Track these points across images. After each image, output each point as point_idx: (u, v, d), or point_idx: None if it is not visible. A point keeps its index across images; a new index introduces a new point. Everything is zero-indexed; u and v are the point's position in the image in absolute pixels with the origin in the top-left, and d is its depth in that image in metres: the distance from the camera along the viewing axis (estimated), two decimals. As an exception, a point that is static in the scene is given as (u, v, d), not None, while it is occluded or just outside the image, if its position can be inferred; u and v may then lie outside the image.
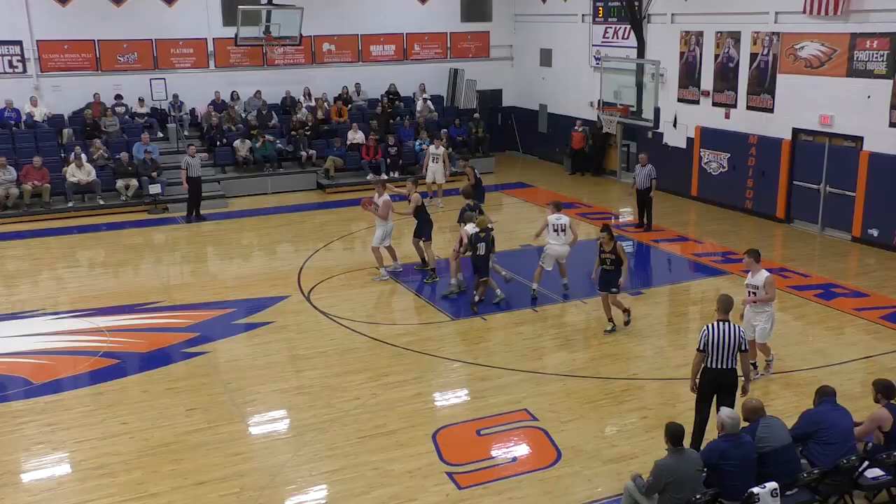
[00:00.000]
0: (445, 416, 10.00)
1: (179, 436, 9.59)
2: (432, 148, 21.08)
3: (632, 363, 11.54)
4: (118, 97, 23.27)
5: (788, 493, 7.36)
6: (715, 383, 8.53)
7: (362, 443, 9.35)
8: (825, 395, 8.12)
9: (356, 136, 23.62)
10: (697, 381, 8.70)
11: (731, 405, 8.14)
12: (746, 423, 7.78)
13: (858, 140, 16.89)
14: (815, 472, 7.48)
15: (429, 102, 25.92)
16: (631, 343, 12.32)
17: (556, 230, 13.75)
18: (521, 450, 9.23)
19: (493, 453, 9.14)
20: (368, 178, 15.03)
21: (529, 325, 12.95)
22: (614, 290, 12.32)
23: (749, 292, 10.66)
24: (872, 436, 8.06)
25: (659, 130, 21.22)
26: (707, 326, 8.55)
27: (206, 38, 24.12)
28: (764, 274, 10.52)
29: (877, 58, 16.21)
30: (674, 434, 7.24)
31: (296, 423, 9.92)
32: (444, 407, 10.39)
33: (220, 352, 12.12)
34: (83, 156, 20.51)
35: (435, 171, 20.76)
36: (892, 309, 13.26)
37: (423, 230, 15.05)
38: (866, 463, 7.70)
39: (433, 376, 11.20)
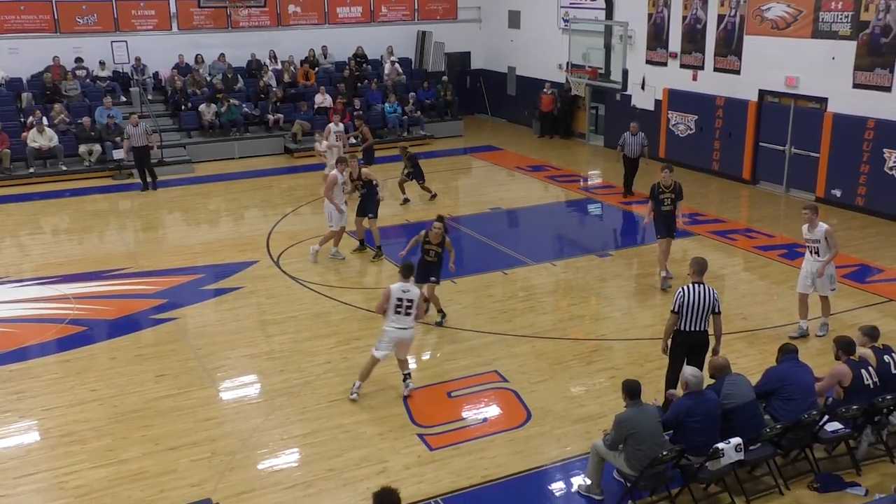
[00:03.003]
0: (416, 379, 10.02)
1: (149, 402, 9.56)
2: (332, 126, 18.42)
3: (600, 324, 11.68)
4: (78, 60, 22.75)
5: (752, 447, 7.54)
6: (688, 345, 8.62)
7: (333, 406, 9.39)
8: (788, 352, 8.28)
9: (324, 99, 23.39)
10: (669, 342, 8.79)
11: (701, 366, 8.27)
12: (713, 381, 7.94)
13: (823, 101, 17.05)
14: (778, 426, 7.65)
15: (396, 65, 25.69)
16: (599, 304, 12.45)
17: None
18: (492, 411, 9.33)
19: (464, 415, 9.24)
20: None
21: (499, 288, 13.02)
22: (433, 279, 11.37)
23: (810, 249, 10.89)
24: (833, 391, 8.26)
25: (627, 92, 21.25)
26: (682, 289, 8.61)
27: (168, 0, 23.62)
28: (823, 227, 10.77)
29: (841, 19, 16.32)
30: (630, 389, 7.41)
31: (266, 388, 9.93)
32: (415, 370, 10.44)
33: (189, 318, 12.06)
34: (44, 120, 20.12)
35: (336, 151, 18.16)
36: (853, 268, 13.51)
37: (369, 207, 14.27)
38: (826, 417, 7.90)
39: (403, 339, 11.23)
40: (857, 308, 11.88)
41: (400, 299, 9.27)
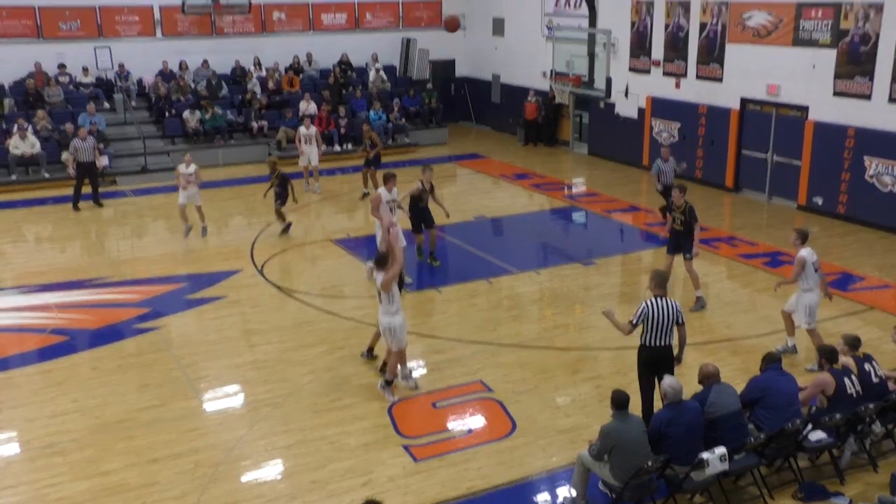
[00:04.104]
0: (401, 389, 10.02)
1: (132, 413, 9.48)
2: (303, 129, 19.28)
3: (584, 333, 11.69)
4: (61, 66, 22.59)
5: (736, 457, 7.56)
6: (654, 360, 8.51)
7: (318, 416, 9.35)
8: (771, 361, 8.32)
9: (308, 106, 23.32)
10: (637, 361, 8.69)
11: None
12: (700, 387, 7.95)
13: (804, 110, 17.18)
14: (762, 436, 7.68)
15: (381, 73, 25.69)
16: (584, 313, 12.47)
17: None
18: (477, 421, 9.31)
19: (449, 425, 9.22)
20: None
21: (483, 297, 13.02)
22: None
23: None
24: (816, 399, 8.31)
25: (611, 100, 21.33)
26: (646, 303, 8.46)
27: (152, 6, 23.53)
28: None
29: (821, 27, 16.47)
30: (618, 400, 7.40)
31: (250, 399, 9.87)
32: (400, 380, 10.41)
33: (172, 327, 11.99)
34: (28, 127, 19.92)
35: (309, 153, 19.21)
36: (835, 276, 13.58)
37: (426, 218, 13.96)
38: (810, 426, 7.94)
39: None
40: (839, 316, 11.95)
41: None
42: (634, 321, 8.46)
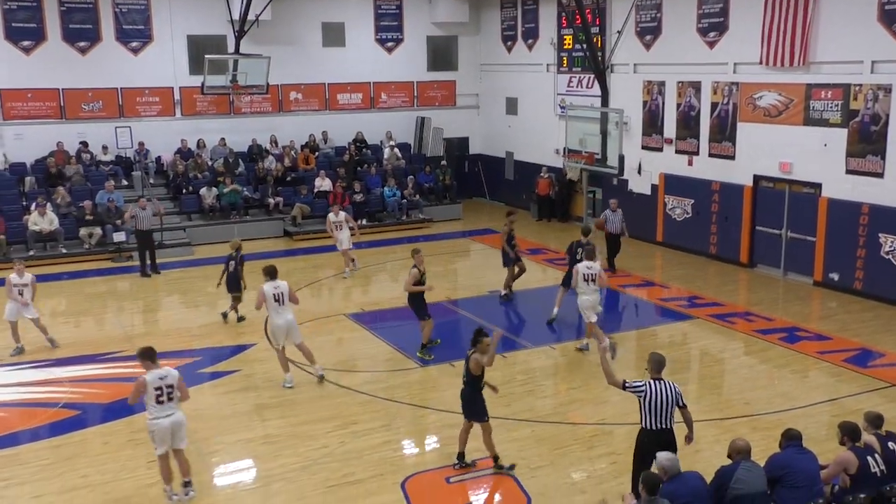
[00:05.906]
0: (414, 464, 9.88)
1: (141, 488, 9.36)
2: (332, 216, 18.95)
3: (600, 408, 11.53)
4: (82, 144, 23.09)
5: (760, 537, 7.34)
6: (654, 444, 8.23)
7: (331, 492, 9.20)
8: (791, 438, 8.14)
9: (323, 183, 23.67)
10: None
11: None
12: (729, 461, 7.77)
13: (817, 187, 17.26)
14: (786, 516, 7.46)
15: (396, 150, 26.09)
16: (599, 388, 12.29)
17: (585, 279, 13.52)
18: (491, 497, 9.13)
19: (463, 501, 9.01)
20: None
21: (498, 371, 12.86)
22: None
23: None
24: (839, 478, 8.10)
25: (624, 177, 21.52)
26: (647, 383, 8.35)
27: (172, 87, 24.13)
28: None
29: (831, 107, 16.66)
30: (651, 483, 7.06)
31: (262, 473, 9.74)
32: (413, 454, 10.28)
33: (185, 401, 11.87)
34: (48, 204, 20.23)
35: (342, 238, 18.86)
36: (855, 352, 13.43)
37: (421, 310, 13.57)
38: (833, 506, 7.72)
39: (402, 423, 11.09)
40: (860, 393, 11.76)
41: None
42: (628, 386, 8.35)
